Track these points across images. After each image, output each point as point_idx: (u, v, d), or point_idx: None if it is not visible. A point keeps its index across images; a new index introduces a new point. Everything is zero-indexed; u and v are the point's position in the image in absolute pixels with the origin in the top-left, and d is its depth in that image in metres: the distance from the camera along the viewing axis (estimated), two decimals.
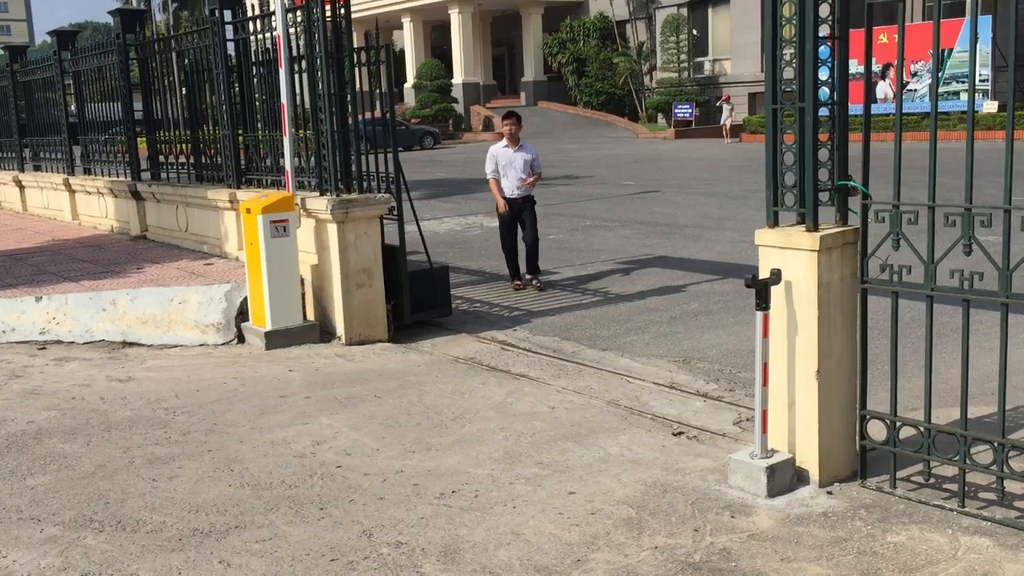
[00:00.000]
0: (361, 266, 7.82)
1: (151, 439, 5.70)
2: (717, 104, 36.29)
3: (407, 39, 49.60)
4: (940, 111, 4.37)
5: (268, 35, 8.74)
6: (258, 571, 3.99)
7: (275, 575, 3.96)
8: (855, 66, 5.15)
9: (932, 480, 4.52)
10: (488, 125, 45.63)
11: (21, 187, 16.40)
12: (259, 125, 9.21)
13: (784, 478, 4.57)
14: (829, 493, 4.53)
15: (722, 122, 34.97)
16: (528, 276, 10.04)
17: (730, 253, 11.55)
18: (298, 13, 8.04)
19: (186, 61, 10.56)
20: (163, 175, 11.56)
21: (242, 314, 8.05)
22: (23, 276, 9.79)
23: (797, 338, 4.55)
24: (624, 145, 35.32)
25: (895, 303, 4.48)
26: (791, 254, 4.52)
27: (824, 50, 4.43)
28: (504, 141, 9.97)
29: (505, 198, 9.91)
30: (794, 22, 4.42)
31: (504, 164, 9.90)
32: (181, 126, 10.96)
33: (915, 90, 31.05)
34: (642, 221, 15.02)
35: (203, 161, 10.54)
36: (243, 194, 9.08)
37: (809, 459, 4.60)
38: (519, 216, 10.00)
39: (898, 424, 4.52)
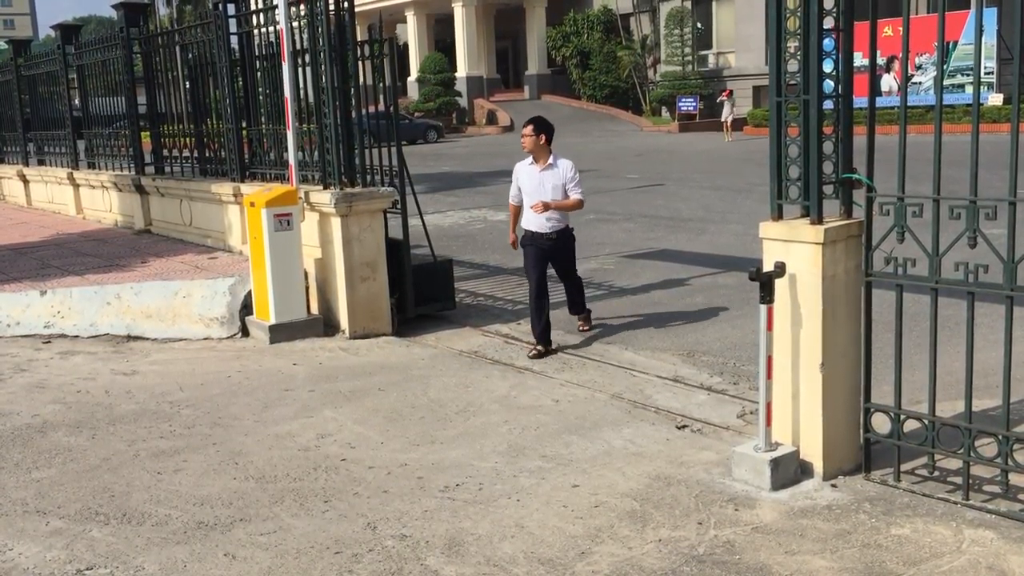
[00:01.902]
0: (365, 259, 7.82)
1: (156, 432, 5.71)
2: (717, 101, 35.74)
3: (410, 32, 49.53)
4: (945, 104, 4.37)
5: (271, 29, 8.73)
6: (263, 563, 4.01)
7: (280, 568, 3.97)
8: (859, 59, 5.13)
9: (936, 473, 4.52)
10: (492, 119, 45.61)
11: (25, 181, 16.41)
12: (262, 119, 9.21)
13: (788, 471, 4.57)
14: (833, 486, 4.53)
15: (723, 118, 33.61)
16: (574, 317, 7.95)
17: (734, 246, 11.54)
18: (301, 7, 8.03)
19: (190, 55, 10.55)
20: (167, 169, 11.56)
21: (246, 308, 8.06)
22: (28, 270, 9.80)
23: (801, 331, 4.55)
24: (628, 138, 35.27)
25: (899, 296, 4.48)
26: (795, 247, 4.52)
27: (828, 42, 4.42)
28: (529, 157, 7.41)
29: (530, 232, 7.37)
30: (798, 14, 4.41)
31: (528, 188, 7.36)
32: (185, 120, 10.96)
33: (920, 83, 30.94)
34: (646, 214, 15.01)
35: (207, 155, 10.54)
36: (247, 188, 9.08)
37: (813, 452, 4.60)
38: (549, 257, 7.43)
39: (902, 417, 4.52)
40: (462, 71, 46.93)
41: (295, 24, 8.14)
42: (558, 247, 7.41)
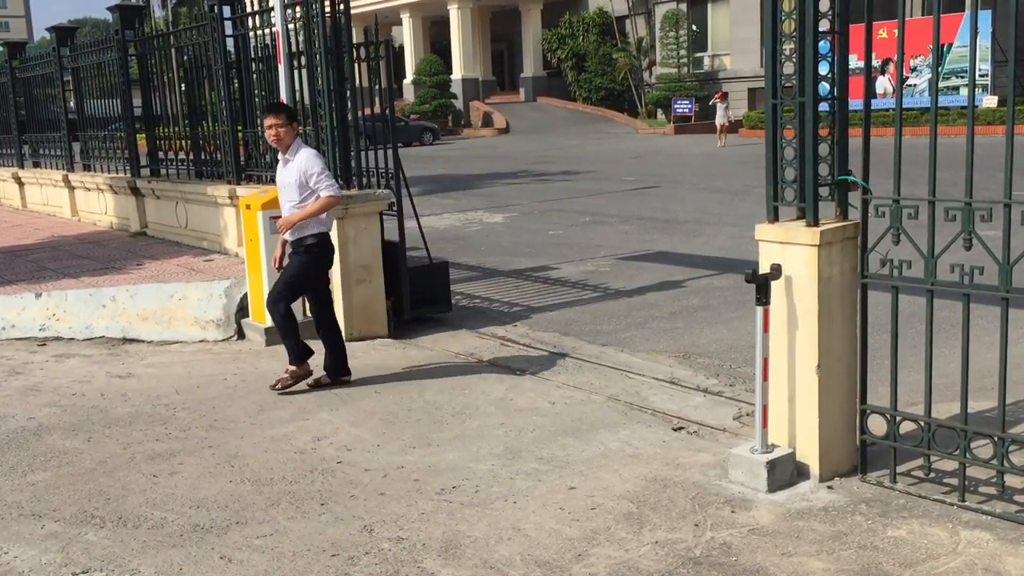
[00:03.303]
0: (361, 262, 7.82)
1: (151, 435, 5.70)
2: (710, 103, 35.17)
3: (406, 35, 49.56)
4: (940, 106, 4.37)
5: (267, 31, 8.73)
6: (259, 567, 4.00)
7: (276, 570, 3.97)
8: (855, 61, 5.14)
9: (932, 474, 4.53)
10: (488, 121, 45.64)
11: (20, 183, 16.40)
12: (259, 121, 9.21)
13: (784, 473, 4.57)
14: (829, 488, 4.54)
15: (717, 122, 31.41)
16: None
17: (730, 248, 11.55)
18: (297, 9, 8.03)
19: (185, 57, 10.56)
20: (163, 171, 11.56)
21: (242, 310, 8.05)
22: (23, 273, 9.79)
23: (797, 333, 4.55)
24: (624, 140, 35.30)
25: (895, 298, 4.48)
26: (791, 249, 4.52)
27: (824, 45, 4.43)
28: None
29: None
30: (794, 17, 4.41)
31: (278, 185, 6.48)
32: (180, 122, 10.95)
33: (915, 85, 31.01)
34: (642, 216, 15.02)
35: (203, 157, 10.54)
36: (243, 190, 9.08)
37: (809, 454, 4.61)
38: None
39: (898, 419, 4.52)
40: (458, 73, 46.98)
41: (291, 26, 8.14)
42: (294, 257, 6.37)
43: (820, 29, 4.40)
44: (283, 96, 8.05)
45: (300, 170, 6.19)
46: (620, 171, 22.82)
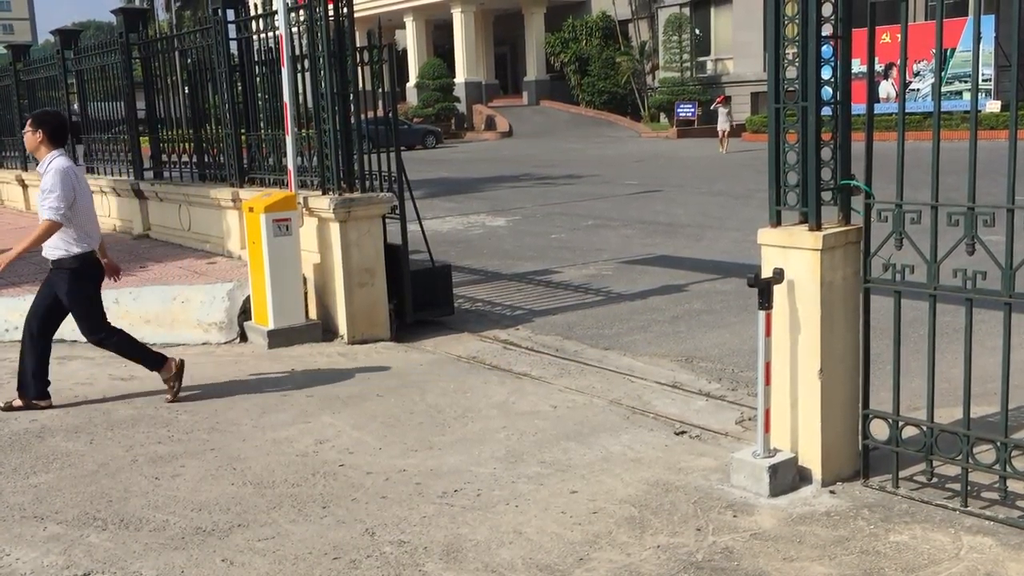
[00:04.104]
0: (363, 265, 7.82)
1: (153, 438, 5.70)
2: (712, 108, 34.73)
3: (409, 38, 49.62)
4: (943, 110, 4.38)
5: (271, 34, 8.74)
6: (261, 569, 4.00)
7: (278, 573, 3.96)
8: (857, 65, 5.15)
9: (935, 480, 4.52)
10: (490, 124, 45.68)
11: (24, 186, 16.41)
12: (262, 124, 9.22)
13: (786, 477, 4.57)
14: (832, 492, 4.53)
15: (718, 127, 30.35)
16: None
17: (732, 252, 11.55)
18: (300, 12, 8.05)
19: (189, 60, 10.57)
20: (166, 174, 11.57)
21: (245, 313, 8.05)
22: (26, 275, 9.79)
23: (800, 337, 4.55)
24: (626, 144, 35.30)
25: (898, 302, 4.48)
26: (794, 253, 4.52)
27: (827, 49, 4.43)
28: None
29: None
30: (797, 21, 4.42)
31: None
32: (184, 125, 10.97)
33: (917, 90, 31.01)
34: (644, 220, 15.02)
35: (206, 160, 10.54)
36: (246, 193, 9.08)
37: (812, 458, 4.60)
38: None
39: (900, 423, 4.52)
40: (461, 77, 47.02)
41: (294, 30, 8.15)
42: (60, 285, 6.09)
43: (823, 33, 4.40)
44: (286, 99, 8.06)
45: (42, 186, 5.96)
46: (622, 175, 22.83)
